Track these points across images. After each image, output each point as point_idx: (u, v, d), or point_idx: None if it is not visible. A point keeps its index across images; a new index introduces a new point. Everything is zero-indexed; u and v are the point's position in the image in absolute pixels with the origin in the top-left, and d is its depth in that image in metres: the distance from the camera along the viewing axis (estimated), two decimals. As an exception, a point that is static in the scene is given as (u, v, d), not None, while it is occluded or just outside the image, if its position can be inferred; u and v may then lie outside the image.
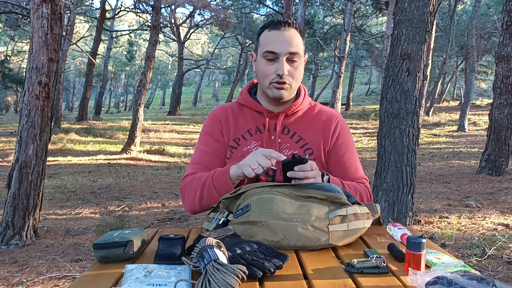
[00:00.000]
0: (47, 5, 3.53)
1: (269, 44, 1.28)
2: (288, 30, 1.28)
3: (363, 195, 1.33)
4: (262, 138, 1.34)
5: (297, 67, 1.30)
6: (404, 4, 3.56)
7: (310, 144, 1.34)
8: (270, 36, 1.29)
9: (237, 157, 1.33)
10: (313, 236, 1.02)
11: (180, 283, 0.80)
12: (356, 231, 1.08)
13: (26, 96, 3.56)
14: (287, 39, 1.27)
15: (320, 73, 30.99)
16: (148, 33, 22.64)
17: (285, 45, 1.26)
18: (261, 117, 1.37)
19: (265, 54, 1.28)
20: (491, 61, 23.59)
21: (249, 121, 1.37)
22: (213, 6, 22.11)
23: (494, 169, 6.26)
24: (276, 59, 1.28)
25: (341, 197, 1.07)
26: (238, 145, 1.35)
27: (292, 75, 1.30)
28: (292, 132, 1.35)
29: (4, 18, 15.79)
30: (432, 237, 3.55)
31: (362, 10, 22.05)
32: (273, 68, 1.28)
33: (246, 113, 1.39)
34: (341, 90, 13.69)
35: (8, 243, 3.45)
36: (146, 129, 15.01)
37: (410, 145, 3.57)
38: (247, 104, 1.39)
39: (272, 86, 1.30)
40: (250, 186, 1.12)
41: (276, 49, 1.26)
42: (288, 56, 1.27)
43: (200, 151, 1.39)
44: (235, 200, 1.13)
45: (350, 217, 1.07)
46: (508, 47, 6.13)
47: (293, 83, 1.31)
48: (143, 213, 4.76)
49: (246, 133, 1.36)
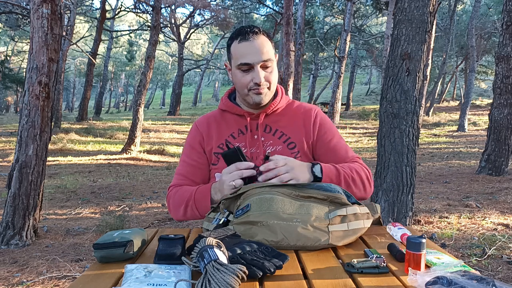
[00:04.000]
0: (47, 5, 3.53)
1: (242, 57, 1.32)
2: (257, 38, 1.32)
3: (360, 171, 1.33)
4: (246, 139, 1.39)
5: (272, 71, 1.36)
6: (404, 4, 3.56)
7: (293, 138, 1.39)
8: (241, 48, 1.32)
9: (222, 162, 1.35)
10: (313, 236, 1.03)
11: (180, 283, 0.80)
12: (356, 231, 1.08)
13: (26, 96, 3.56)
14: (258, 48, 1.31)
15: (320, 73, 31.00)
16: (148, 33, 22.65)
17: (257, 55, 1.31)
18: (242, 119, 1.42)
19: (239, 66, 1.33)
20: (491, 61, 23.60)
21: (232, 125, 1.42)
22: (213, 6, 22.11)
23: (494, 169, 6.26)
24: (251, 69, 1.33)
25: (341, 197, 1.07)
26: (223, 150, 1.39)
27: (268, 80, 1.36)
28: (274, 129, 1.40)
29: (4, 18, 15.79)
30: (432, 237, 3.55)
31: (362, 10, 22.06)
32: (250, 77, 1.33)
33: (227, 118, 1.44)
34: (341, 90, 13.71)
35: (8, 243, 3.45)
36: (146, 129, 15.01)
37: (410, 145, 3.57)
38: (228, 109, 1.44)
39: (251, 92, 1.35)
40: (250, 186, 1.13)
41: (250, 60, 1.31)
42: (261, 64, 1.32)
43: (183, 162, 1.46)
44: (235, 200, 1.13)
45: (350, 217, 1.07)
46: (508, 47, 6.13)
47: (271, 86, 1.37)
48: (143, 213, 4.76)
49: (229, 137, 1.41)
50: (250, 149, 1.37)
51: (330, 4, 21.74)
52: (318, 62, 26.61)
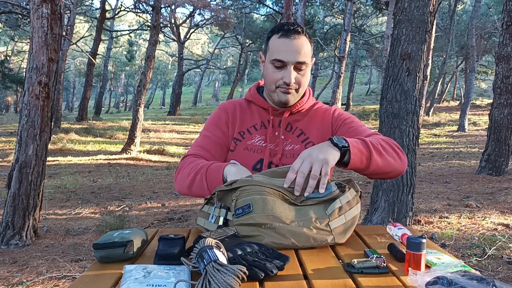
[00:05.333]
0: (47, 5, 3.53)
1: (278, 52, 1.29)
2: (298, 38, 1.29)
3: (387, 141, 1.25)
4: (266, 133, 1.38)
5: (304, 74, 1.33)
6: (404, 4, 3.56)
7: (311, 138, 1.38)
8: (279, 44, 1.30)
9: (240, 149, 1.37)
10: (319, 237, 1.04)
11: (179, 283, 0.80)
12: (353, 220, 1.09)
13: (26, 96, 3.56)
14: (296, 48, 1.28)
15: (320, 73, 30.99)
16: (148, 33, 22.66)
17: (293, 54, 1.28)
18: (266, 113, 1.41)
19: (273, 61, 1.31)
20: (491, 61, 23.59)
21: (255, 117, 1.42)
22: (213, 6, 22.10)
23: (494, 169, 6.26)
24: (284, 67, 1.30)
25: (332, 196, 1.08)
26: (243, 138, 1.39)
27: (299, 82, 1.33)
28: (294, 128, 1.40)
29: (4, 18, 15.78)
30: (432, 237, 3.55)
31: (362, 10, 22.05)
32: (280, 75, 1.31)
33: (252, 109, 1.44)
34: (341, 90, 13.70)
35: (8, 243, 3.45)
36: (146, 129, 15.01)
37: (410, 145, 3.57)
38: (254, 100, 1.44)
39: (278, 90, 1.34)
40: (246, 181, 1.09)
41: (285, 58, 1.29)
42: (295, 65, 1.30)
43: (203, 136, 1.42)
44: (230, 193, 1.10)
45: (345, 207, 1.08)
46: (508, 47, 6.13)
47: (300, 89, 1.35)
48: (143, 213, 4.76)
49: (251, 127, 1.40)
50: (269, 145, 1.36)
51: (330, 4, 21.73)
52: (318, 62, 26.61)
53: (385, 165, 1.19)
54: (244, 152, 1.35)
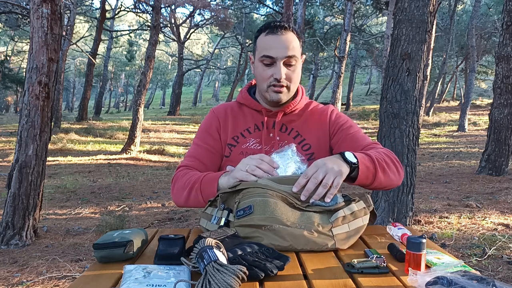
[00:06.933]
0: (47, 5, 3.53)
1: (266, 49, 1.29)
2: (285, 34, 1.29)
3: (388, 154, 1.27)
4: (261, 135, 1.36)
5: (295, 70, 1.33)
6: (404, 4, 3.56)
7: (308, 140, 1.37)
8: (267, 41, 1.30)
9: (236, 154, 1.35)
10: (319, 241, 1.02)
11: (179, 283, 0.80)
12: (357, 230, 1.08)
13: (26, 96, 3.56)
14: (284, 43, 1.28)
15: (320, 73, 30.99)
16: (148, 33, 22.64)
17: (282, 49, 1.28)
18: (259, 115, 1.39)
19: (262, 59, 1.30)
20: (491, 61, 23.59)
21: (248, 120, 1.40)
22: (213, 6, 22.10)
23: (494, 169, 6.26)
24: (273, 63, 1.30)
25: (337, 206, 1.07)
26: (237, 142, 1.37)
27: (290, 78, 1.32)
28: (289, 129, 1.38)
29: (4, 18, 15.78)
30: (432, 237, 3.54)
31: (362, 10, 22.04)
32: (271, 72, 1.30)
33: (245, 111, 1.42)
34: (341, 90, 13.69)
35: (8, 243, 3.45)
36: (146, 129, 15.00)
37: (410, 145, 3.57)
38: (246, 103, 1.42)
39: (270, 89, 1.32)
40: (250, 184, 1.10)
41: (273, 53, 1.28)
42: (285, 60, 1.29)
43: (196, 145, 1.41)
44: (233, 195, 1.10)
45: (348, 217, 1.07)
46: (508, 47, 6.13)
47: (291, 86, 1.33)
48: (143, 213, 4.75)
49: (245, 131, 1.38)
50: (264, 147, 1.35)
51: (330, 4, 21.73)
52: (318, 62, 26.59)
53: (386, 181, 1.22)
54: (240, 157, 1.30)
